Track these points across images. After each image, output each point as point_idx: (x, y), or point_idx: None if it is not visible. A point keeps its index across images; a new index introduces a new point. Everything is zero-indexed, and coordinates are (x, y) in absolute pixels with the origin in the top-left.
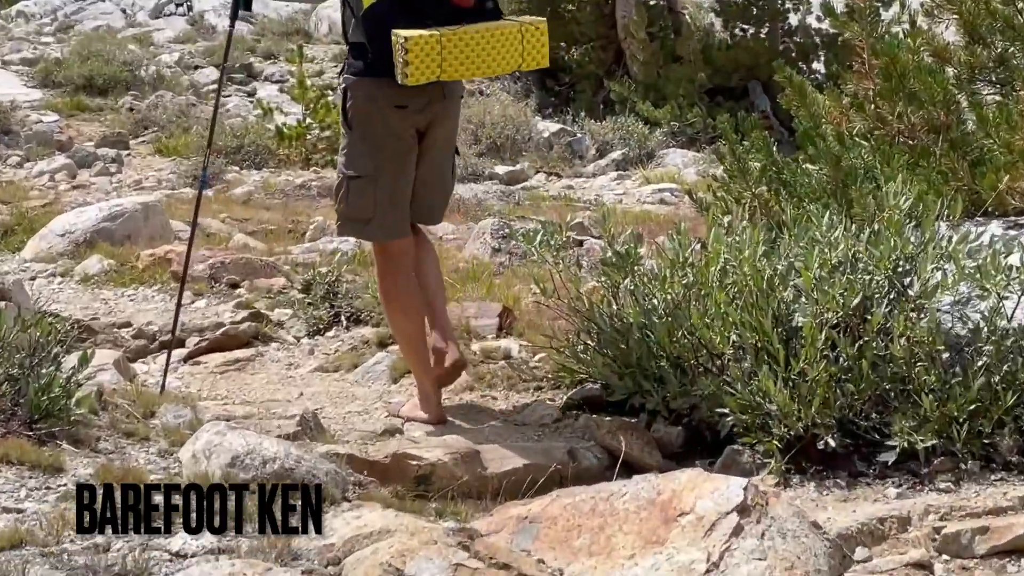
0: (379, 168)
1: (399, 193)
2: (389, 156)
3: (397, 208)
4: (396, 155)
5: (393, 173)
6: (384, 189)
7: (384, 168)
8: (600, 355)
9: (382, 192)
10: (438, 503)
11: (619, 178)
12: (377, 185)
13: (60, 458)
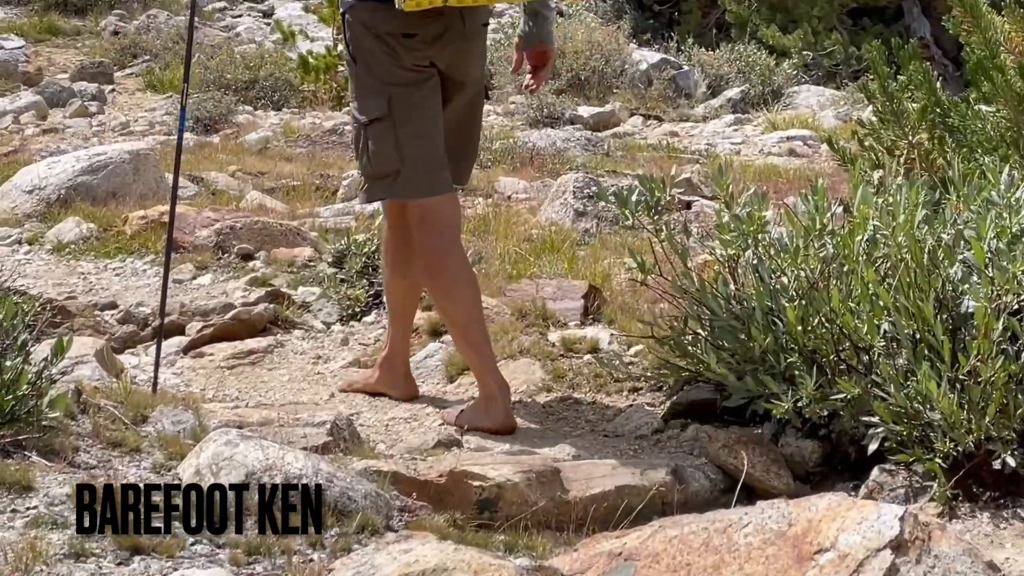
0: (394, 105)
1: (428, 136)
2: (404, 88)
3: (430, 156)
4: (411, 89)
5: (414, 110)
6: (407, 131)
7: (400, 105)
8: (713, 348)
9: (405, 135)
10: (507, 534)
11: (737, 123)
12: (397, 126)
13: (29, 473)
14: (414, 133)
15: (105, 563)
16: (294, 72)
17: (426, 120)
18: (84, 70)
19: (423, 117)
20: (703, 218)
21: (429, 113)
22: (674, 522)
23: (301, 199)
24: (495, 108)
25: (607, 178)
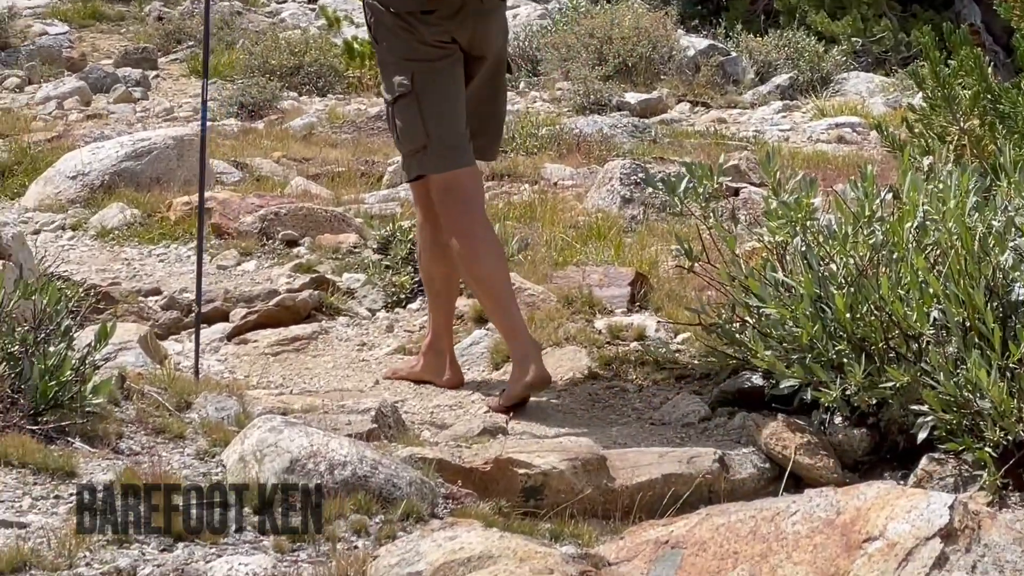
0: (417, 81)
1: (451, 110)
2: (425, 64)
3: (454, 130)
4: (433, 65)
5: (436, 85)
6: (430, 105)
7: (423, 80)
8: (761, 336)
9: (428, 109)
10: (553, 522)
11: (785, 109)
12: (420, 100)
13: (72, 460)
14: (437, 108)
15: (148, 549)
16: (339, 58)
17: (449, 95)
18: (128, 56)
19: (446, 92)
20: (751, 205)
21: (452, 88)
22: (721, 510)
23: (346, 185)
24: (542, 94)
25: (654, 165)
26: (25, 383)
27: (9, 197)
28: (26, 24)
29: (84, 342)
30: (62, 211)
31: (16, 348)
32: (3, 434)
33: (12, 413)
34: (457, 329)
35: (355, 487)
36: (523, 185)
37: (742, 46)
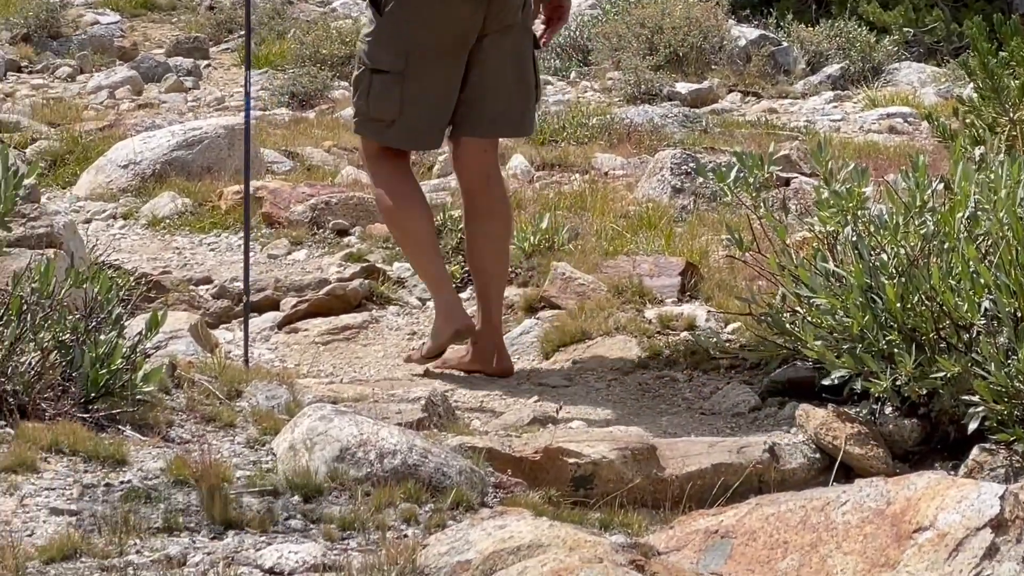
0: (410, 65)
1: (433, 98)
2: (424, 53)
3: (429, 114)
4: (432, 53)
5: (426, 74)
6: (414, 90)
7: (416, 66)
8: (812, 326)
9: (410, 93)
10: (603, 511)
11: (836, 99)
12: (405, 85)
13: (123, 447)
14: (420, 94)
15: (199, 537)
16: None
17: (435, 87)
18: (179, 45)
19: (433, 85)
20: (802, 195)
21: (441, 83)
22: (771, 500)
23: None
24: (592, 84)
25: (705, 155)
26: (76, 371)
27: (61, 186)
28: (78, 14)
29: (135, 330)
30: (113, 200)
31: (67, 336)
32: (54, 422)
33: (63, 401)
34: (507, 318)
35: (405, 476)
36: (574, 175)
37: (793, 36)
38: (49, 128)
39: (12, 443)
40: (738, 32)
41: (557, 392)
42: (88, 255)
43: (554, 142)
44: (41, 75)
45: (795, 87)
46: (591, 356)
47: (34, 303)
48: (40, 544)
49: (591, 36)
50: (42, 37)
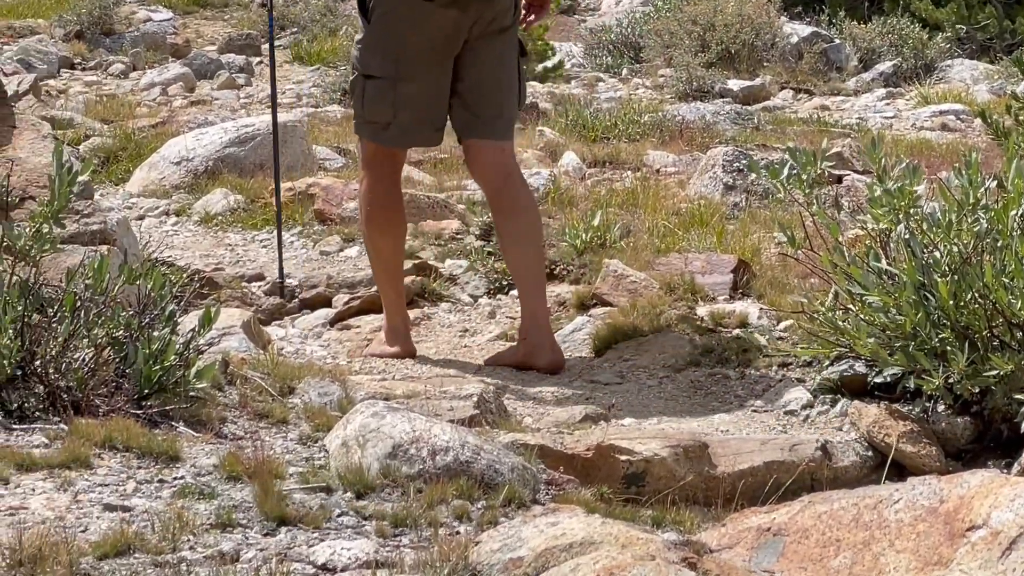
0: (400, 71)
1: (425, 100)
2: (412, 58)
3: (421, 115)
4: (420, 57)
5: (417, 77)
6: (405, 93)
7: (405, 71)
8: (864, 323)
9: (402, 96)
10: (655, 509)
11: (888, 96)
12: (396, 89)
13: (176, 444)
14: (412, 97)
15: (251, 533)
16: None
17: (425, 90)
18: (232, 42)
19: (425, 83)
20: (854, 192)
21: (430, 86)
22: (824, 498)
23: (448, 172)
24: (644, 81)
25: (757, 152)
26: (130, 367)
27: (114, 183)
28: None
29: (188, 327)
30: (166, 197)
31: (121, 333)
32: (108, 418)
33: (117, 397)
34: (559, 315)
35: (457, 473)
36: (625, 172)
37: (845, 33)
38: (102, 125)
39: (66, 439)
40: (790, 29)
41: (609, 389)
42: (141, 252)
43: (606, 139)
44: (94, 72)
45: (847, 84)
46: (643, 353)
47: (88, 300)
48: (94, 540)
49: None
50: (95, 34)
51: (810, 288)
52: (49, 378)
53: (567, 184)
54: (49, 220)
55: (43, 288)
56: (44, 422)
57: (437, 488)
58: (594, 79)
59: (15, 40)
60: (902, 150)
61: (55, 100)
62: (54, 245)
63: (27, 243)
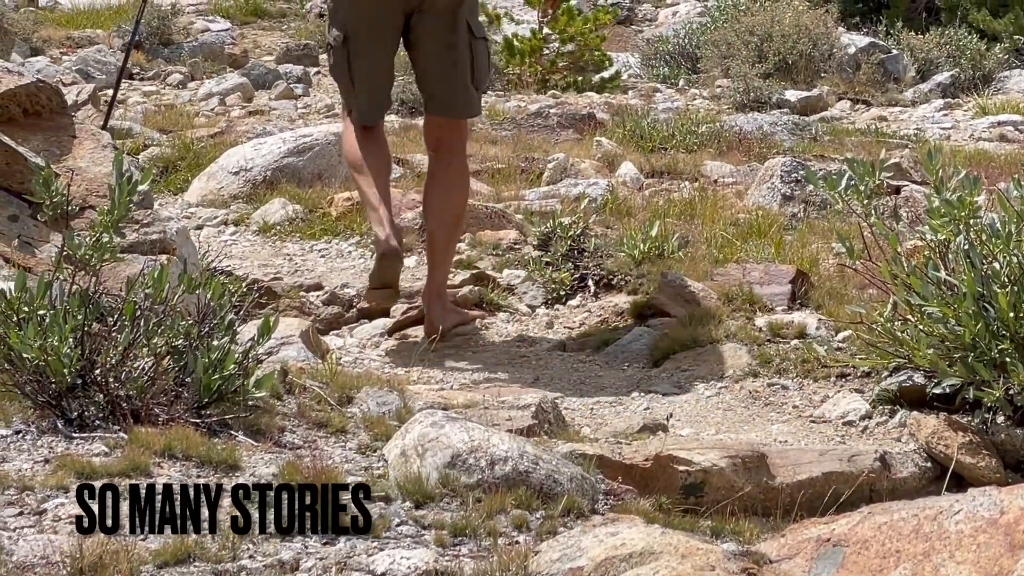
0: (349, 41)
1: (367, 72)
2: (355, 27)
3: (369, 95)
4: (361, 27)
5: (360, 49)
6: (361, 69)
7: (352, 40)
8: (923, 334)
9: (358, 73)
10: (713, 519)
11: (946, 107)
12: (349, 59)
13: (235, 453)
14: (366, 72)
15: (311, 543)
16: (499, 55)
17: (367, 61)
18: (289, 52)
19: (373, 58)
20: (913, 203)
21: (369, 57)
22: (883, 508)
23: (506, 182)
24: (701, 92)
25: (815, 162)
26: (189, 376)
27: (172, 192)
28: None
29: (247, 336)
30: (224, 206)
31: (180, 342)
32: (167, 427)
33: (176, 406)
34: (616, 326)
35: (516, 482)
36: (683, 182)
37: (903, 44)
38: (161, 135)
39: (126, 448)
40: (848, 40)
41: (667, 399)
42: (200, 261)
43: (663, 150)
44: (153, 82)
45: (905, 95)
46: (701, 364)
47: (147, 309)
48: (154, 548)
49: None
50: (154, 44)
51: (869, 299)
52: (109, 387)
53: (625, 194)
54: (109, 229)
55: (103, 297)
56: (104, 431)
57: (496, 498)
58: (651, 89)
59: (74, 50)
60: (960, 161)
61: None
62: (114, 254)
63: (87, 252)
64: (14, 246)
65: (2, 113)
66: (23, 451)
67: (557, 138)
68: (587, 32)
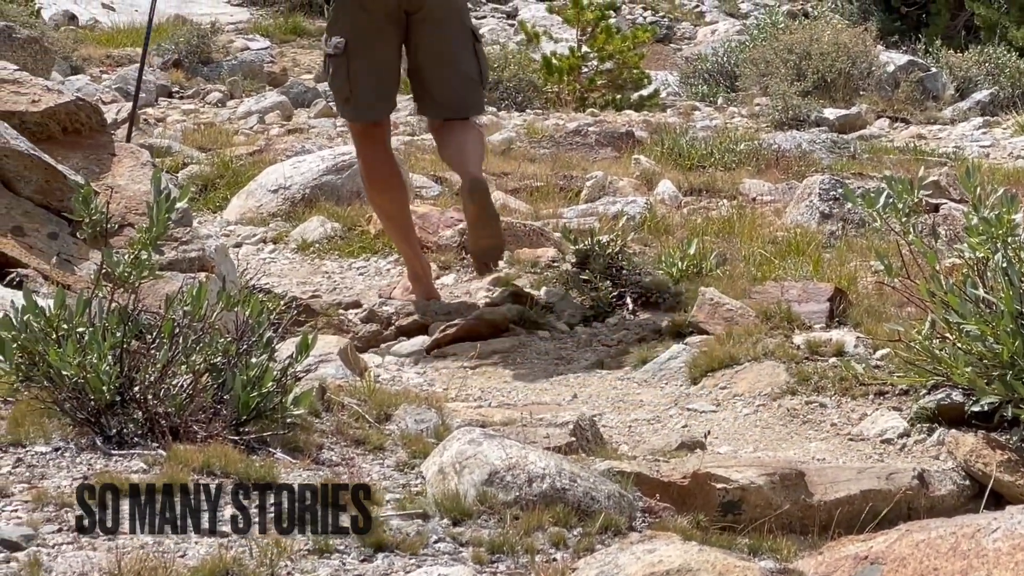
0: (350, 43)
1: (374, 71)
2: (360, 31)
3: (371, 87)
4: (366, 30)
5: (364, 49)
6: (357, 65)
7: (355, 44)
8: (962, 352)
9: (355, 68)
10: (751, 537)
11: (985, 125)
12: (350, 62)
13: (273, 470)
14: (361, 70)
15: (349, 559)
16: (537, 73)
17: (375, 60)
18: None
19: (374, 57)
20: (951, 221)
21: (379, 54)
22: (921, 526)
23: (544, 200)
24: (740, 110)
25: (853, 180)
26: (227, 394)
27: (212, 210)
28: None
29: (285, 354)
30: (263, 224)
31: (219, 359)
32: (206, 444)
33: (215, 423)
34: (655, 344)
35: (553, 500)
36: (721, 200)
37: (942, 62)
38: (200, 153)
39: (164, 465)
40: (886, 58)
41: (705, 417)
42: (239, 279)
43: (702, 168)
44: (192, 100)
45: (944, 113)
46: (739, 381)
47: (186, 326)
48: (192, 564)
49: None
50: (193, 63)
51: (907, 317)
52: (148, 404)
53: (663, 212)
54: (148, 247)
55: (142, 315)
56: (143, 448)
57: (534, 515)
58: (690, 107)
59: (114, 69)
60: (999, 179)
61: (153, 128)
62: (153, 272)
63: (126, 270)
64: (53, 263)
65: (42, 131)
66: (62, 468)
67: (595, 156)
68: (626, 50)
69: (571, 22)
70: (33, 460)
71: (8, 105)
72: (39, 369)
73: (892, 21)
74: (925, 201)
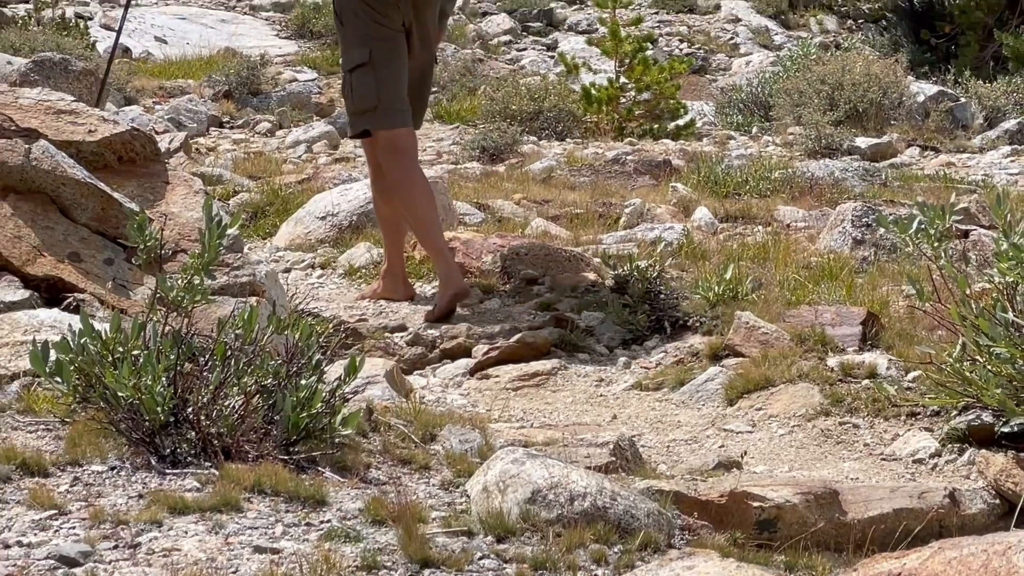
0: (374, 53)
1: (397, 78)
2: (381, 42)
3: (399, 96)
4: (387, 40)
5: (387, 58)
6: (383, 75)
7: (378, 53)
8: (992, 374)
9: (381, 76)
10: (787, 554)
11: (1014, 154)
12: (376, 70)
13: (323, 489)
14: (388, 78)
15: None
16: (577, 103)
17: (398, 68)
18: None
19: (396, 65)
20: (981, 247)
21: (399, 62)
22: (953, 544)
23: (584, 226)
24: (774, 139)
25: (885, 207)
26: (278, 414)
27: (261, 237)
28: (277, 71)
29: (333, 376)
30: (311, 250)
31: (269, 381)
32: (257, 463)
33: (266, 443)
34: (692, 366)
35: (594, 518)
36: (756, 227)
37: (971, 92)
38: (250, 181)
39: (217, 483)
40: (917, 88)
41: (741, 438)
42: (288, 303)
43: (737, 195)
44: (242, 130)
45: (973, 142)
46: (774, 403)
47: (238, 349)
48: None
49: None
50: (243, 94)
51: (938, 340)
52: (200, 424)
53: (699, 238)
54: (200, 272)
55: (195, 338)
56: (196, 467)
57: (575, 532)
58: (725, 137)
59: (167, 100)
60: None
61: (205, 157)
62: (205, 296)
63: (179, 294)
64: (109, 288)
65: (98, 160)
66: (118, 487)
67: (634, 184)
68: (663, 81)
69: (609, 54)
70: (90, 479)
71: (65, 135)
72: (96, 391)
73: (922, 52)
74: (955, 227)
